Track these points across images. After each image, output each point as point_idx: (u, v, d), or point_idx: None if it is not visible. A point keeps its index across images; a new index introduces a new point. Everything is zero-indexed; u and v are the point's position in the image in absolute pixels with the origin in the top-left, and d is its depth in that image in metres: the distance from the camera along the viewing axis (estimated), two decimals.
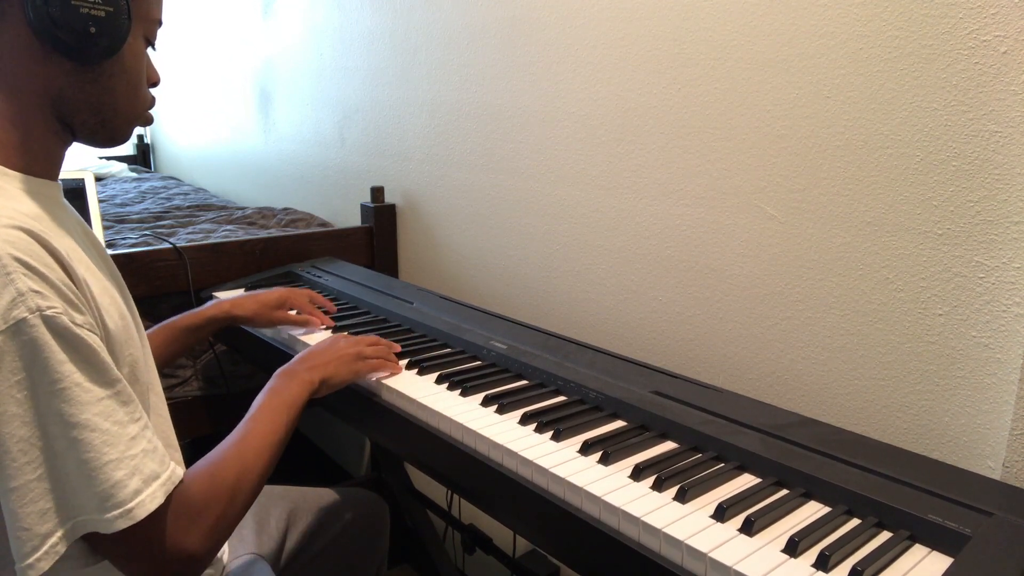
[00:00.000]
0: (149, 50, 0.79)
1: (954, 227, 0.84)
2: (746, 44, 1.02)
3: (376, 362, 0.99)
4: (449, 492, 1.56)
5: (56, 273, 0.62)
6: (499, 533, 1.48)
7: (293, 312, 1.23)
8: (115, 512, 0.61)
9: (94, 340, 0.63)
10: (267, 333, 1.24)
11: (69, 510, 0.61)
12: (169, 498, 0.66)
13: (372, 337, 1.03)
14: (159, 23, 0.79)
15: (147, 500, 0.63)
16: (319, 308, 1.27)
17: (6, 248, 0.59)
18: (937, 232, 0.85)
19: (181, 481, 0.68)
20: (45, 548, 0.60)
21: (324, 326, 1.22)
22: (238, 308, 1.19)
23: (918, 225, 0.87)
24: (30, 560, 0.59)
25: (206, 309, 1.18)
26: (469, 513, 1.49)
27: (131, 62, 0.74)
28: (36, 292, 0.59)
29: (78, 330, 0.61)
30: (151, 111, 0.81)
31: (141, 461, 0.64)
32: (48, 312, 0.59)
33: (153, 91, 0.81)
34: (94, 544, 0.65)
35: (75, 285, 0.64)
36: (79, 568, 0.66)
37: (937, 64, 0.83)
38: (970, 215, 0.82)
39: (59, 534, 0.61)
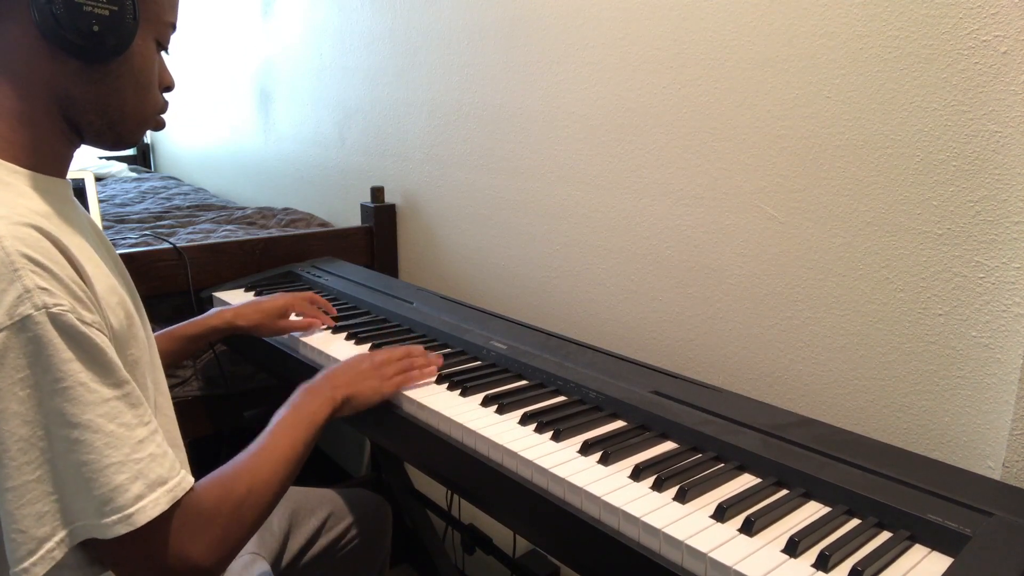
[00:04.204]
0: (163, 54, 0.78)
1: (954, 227, 0.84)
2: (746, 44, 1.02)
3: (399, 379, 0.95)
4: (449, 492, 1.56)
5: (66, 270, 0.61)
6: (499, 533, 1.48)
7: (297, 318, 1.20)
8: (114, 517, 0.59)
9: (102, 339, 0.62)
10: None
11: (68, 515, 0.59)
12: (176, 505, 0.64)
13: (401, 351, 0.99)
14: (172, 27, 0.78)
15: (149, 506, 0.61)
16: (320, 310, 1.26)
17: (16, 244, 0.58)
18: (937, 232, 0.85)
19: (191, 489, 0.66)
20: (41, 553, 0.58)
21: (325, 326, 1.22)
22: (241, 318, 1.16)
23: (918, 225, 0.87)
24: (25, 564, 0.58)
25: (208, 318, 1.15)
26: (469, 513, 1.49)
27: (139, 64, 0.73)
28: (43, 289, 0.58)
29: (85, 328, 0.60)
30: (164, 115, 0.79)
31: (147, 465, 0.62)
32: (55, 309, 0.58)
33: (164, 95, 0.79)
34: (95, 552, 0.63)
35: (84, 283, 0.63)
36: None
37: (937, 64, 0.83)
38: (970, 215, 0.82)
39: (56, 539, 0.59)
